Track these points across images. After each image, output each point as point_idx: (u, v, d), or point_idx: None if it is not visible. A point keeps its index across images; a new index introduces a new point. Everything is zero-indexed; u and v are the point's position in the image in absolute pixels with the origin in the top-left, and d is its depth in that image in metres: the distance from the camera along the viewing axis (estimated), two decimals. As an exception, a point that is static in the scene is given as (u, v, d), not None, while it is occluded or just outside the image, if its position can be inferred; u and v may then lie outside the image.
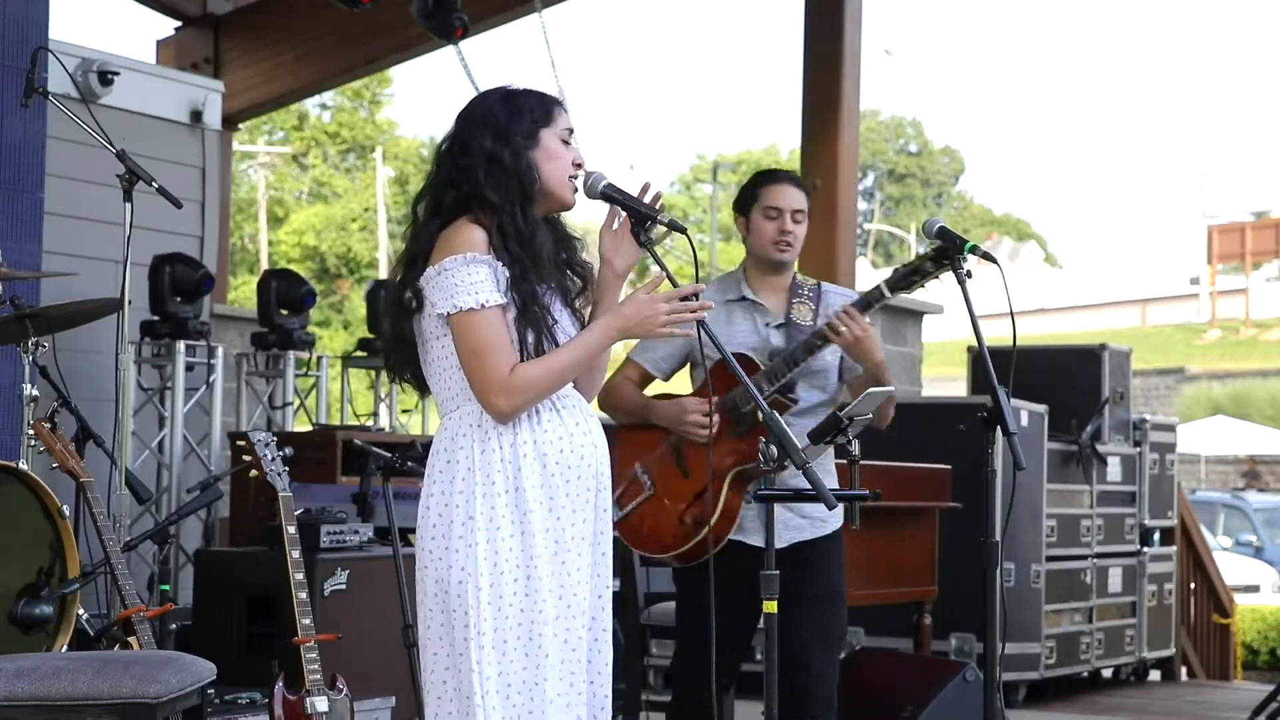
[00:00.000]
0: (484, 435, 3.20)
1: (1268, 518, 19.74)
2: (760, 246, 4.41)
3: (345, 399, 9.08)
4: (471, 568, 3.14)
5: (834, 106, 8.89)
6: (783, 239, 4.38)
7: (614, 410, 4.41)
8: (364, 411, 9.28)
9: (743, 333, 4.38)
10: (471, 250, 3.17)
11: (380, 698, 5.52)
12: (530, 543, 3.19)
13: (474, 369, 3.17)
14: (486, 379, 3.16)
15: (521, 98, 3.30)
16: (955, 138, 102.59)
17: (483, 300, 3.15)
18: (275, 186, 42.70)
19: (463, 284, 3.15)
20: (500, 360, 3.15)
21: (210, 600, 5.89)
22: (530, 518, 3.19)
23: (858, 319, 4.18)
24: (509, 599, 3.15)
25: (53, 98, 5.58)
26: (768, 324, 4.40)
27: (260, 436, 4.87)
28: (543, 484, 3.22)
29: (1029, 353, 7.70)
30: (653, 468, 4.32)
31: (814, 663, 4.27)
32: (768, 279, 4.45)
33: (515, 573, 3.17)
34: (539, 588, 3.18)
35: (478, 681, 3.11)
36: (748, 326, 4.40)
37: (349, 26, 9.68)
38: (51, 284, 5.78)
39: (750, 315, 4.41)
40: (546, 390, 3.20)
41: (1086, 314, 41.91)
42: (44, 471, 4.92)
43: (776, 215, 4.38)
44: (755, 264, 4.46)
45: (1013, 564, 7.71)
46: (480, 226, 3.21)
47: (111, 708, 3.52)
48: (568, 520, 3.24)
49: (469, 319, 3.16)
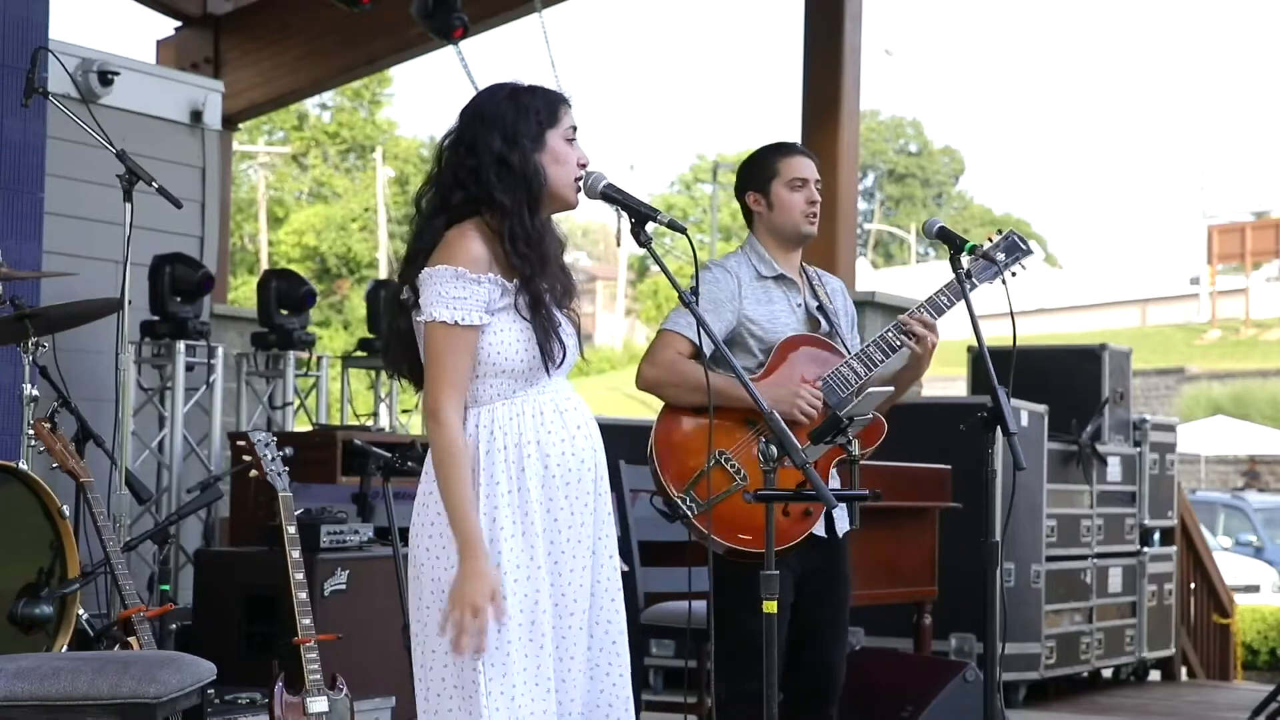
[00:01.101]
0: (489, 435, 3.20)
1: (1268, 518, 19.73)
2: (789, 219, 4.28)
3: (345, 399, 9.08)
4: None
5: (834, 106, 8.88)
6: (811, 209, 4.29)
7: (675, 386, 4.12)
8: (364, 411, 9.29)
9: (783, 312, 4.27)
10: (465, 265, 3.16)
11: (380, 698, 5.52)
12: (532, 543, 3.19)
13: (428, 377, 3.19)
14: (433, 394, 3.16)
15: (527, 96, 3.28)
16: (955, 138, 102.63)
17: (458, 318, 3.15)
18: (275, 186, 42.70)
19: (444, 295, 3.15)
20: (451, 384, 3.16)
21: (210, 600, 5.89)
22: (532, 518, 3.20)
23: (934, 327, 4.15)
24: (512, 600, 3.15)
25: (53, 98, 5.58)
26: (800, 304, 4.31)
27: (260, 436, 4.87)
28: (544, 485, 3.22)
29: (1029, 353, 7.70)
30: (739, 455, 4.06)
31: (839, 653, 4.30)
32: (790, 255, 4.33)
33: (517, 573, 3.17)
34: (540, 588, 3.18)
35: (483, 681, 3.11)
36: (786, 306, 4.28)
37: (349, 26, 9.69)
38: (51, 284, 5.79)
39: (786, 294, 4.30)
40: (435, 460, 3.17)
41: (1086, 314, 41.87)
42: (44, 471, 4.92)
43: (802, 185, 4.28)
44: (779, 239, 4.31)
45: (1013, 564, 7.70)
46: (484, 238, 3.20)
47: (111, 708, 3.52)
48: (565, 523, 3.24)
49: (438, 331, 3.16)
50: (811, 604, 4.20)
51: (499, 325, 3.19)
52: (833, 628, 4.27)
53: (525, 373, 3.22)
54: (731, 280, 4.23)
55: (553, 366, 3.25)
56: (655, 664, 7.90)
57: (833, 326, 4.31)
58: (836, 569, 4.27)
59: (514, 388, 3.22)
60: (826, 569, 4.23)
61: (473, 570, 3.09)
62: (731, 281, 4.23)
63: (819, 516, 4.11)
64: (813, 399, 4.07)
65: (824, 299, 4.36)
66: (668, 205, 47.92)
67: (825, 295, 4.38)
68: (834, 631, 4.27)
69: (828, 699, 4.26)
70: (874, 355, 4.17)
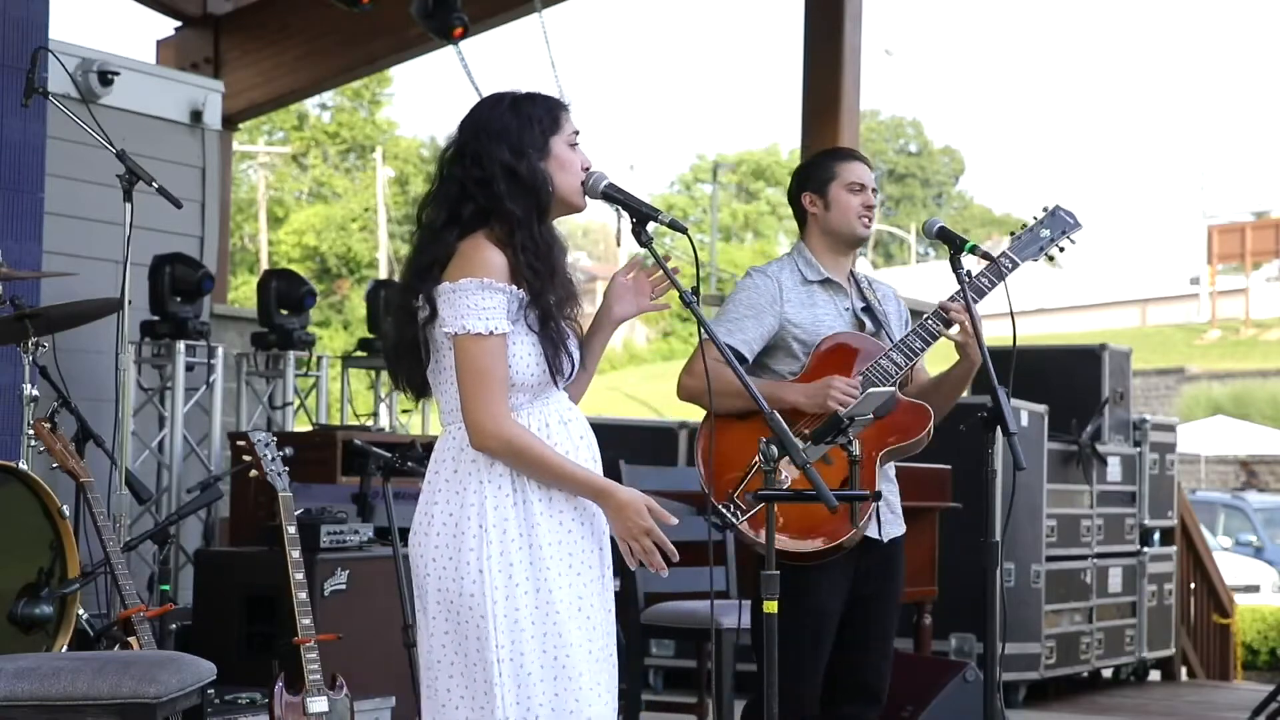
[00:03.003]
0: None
1: (1268, 518, 19.73)
2: (846, 221, 4.29)
3: (345, 399, 9.08)
4: (486, 579, 3.13)
5: (834, 106, 8.89)
6: (868, 214, 4.31)
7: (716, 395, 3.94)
8: (364, 411, 9.28)
9: (828, 316, 4.27)
10: (490, 275, 3.16)
11: (380, 698, 5.52)
12: (539, 554, 3.19)
13: (471, 393, 3.16)
14: (482, 408, 3.15)
15: (529, 105, 3.28)
16: (955, 138, 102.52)
17: (491, 327, 3.15)
18: (275, 186, 42.70)
19: (475, 307, 3.14)
20: (498, 394, 3.16)
21: (210, 600, 5.89)
22: (538, 530, 3.19)
23: (973, 310, 4.11)
24: (524, 610, 3.15)
25: (53, 98, 5.57)
26: (848, 308, 4.30)
27: (260, 436, 4.87)
28: (551, 498, 3.23)
29: (1029, 353, 7.71)
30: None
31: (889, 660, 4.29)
32: (840, 260, 4.34)
33: (526, 584, 3.16)
34: (552, 599, 3.18)
35: (499, 692, 3.10)
36: (831, 310, 4.28)
37: (349, 26, 9.69)
38: (51, 284, 5.79)
39: (832, 298, 4.30)
40: (517, 464, 3.18)
41: (1086, 314, 41.86)
42: (44, 471, 4.92)
43: (860, 189, 4.30)
44: (831, 242, 4.32)
45: (1013, 564, 7.71)
46: (499, 248, 3.20)
47: (111, 708, 3.52)
48: (578, 534, 3.25)
49: (475, 343, 3.15)
50: (862, 611, 4.20)
51: (514, 338, 3.20)
52: (883, 636, 4.26)
53: (534, 386, 3.22)
54: (772, 285, 4.25)
55: (561, 380, 3.26)
56: (655, 664, 7.90)
57: (879, 326, 4.31)
58: (888, 574, 4.26)
59: (521, 401, 3.22)
60: (875, 574, 4.22)
61: (614, 505, 3.19)
62: (772, 286, 4.24)
63: (866, 517, 4.07)
64: (848, 389, 4.05)
65: (873, 301, 4.36)
66: (668, 205, 47.91)
67: (875, 299, 4.38)
68: (883, 640, 4.27)
69: (875, 706, 4.26)
70: (914, 344, 4.16)
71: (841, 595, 4.14)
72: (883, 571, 4.24)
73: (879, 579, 4.23)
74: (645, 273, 3.44)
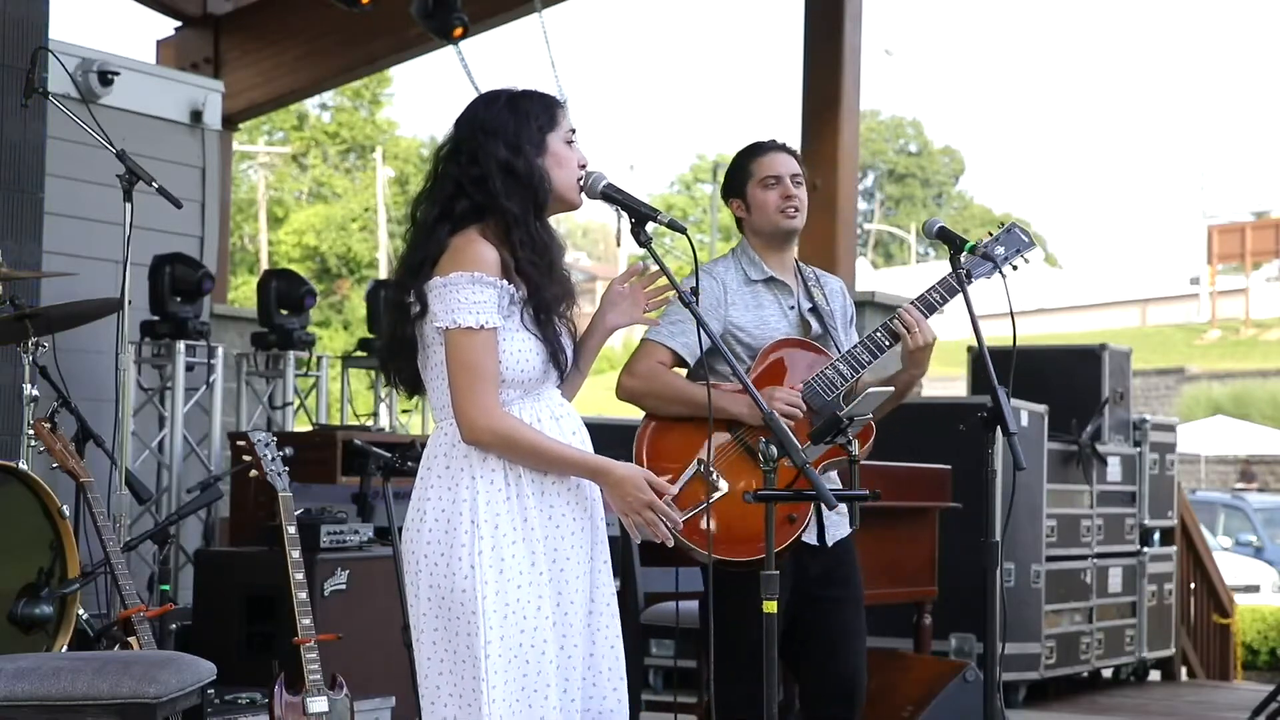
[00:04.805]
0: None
1: (1268, 518, 19.73)
2: (767, 219, 4.22)
3: (345, 399, 9.09)
4: (478, 575, 3.13)
5: (834, 106, 8.89)
6: (788, 204, 4.20)
7: (655, 397, 4.05)
8: (364, 411, 9.29)
9: (774, 317, 4.21)
10: (481, 269, 3.16)
11: (380, 698, 5.52)
12: (533, 549, 3.19)
13: (462, 387, 3.16)
14: (473, 401, 3.15)
15: (525, 102, 3.28)
16: (955, 138, 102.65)
17: (482, 321, 3.15)
18: (275, 186, 42.70)
19: (465, 301, 3.14)
20: (489, 387, 3.16)
21: (210, 600, 5.89)
22: (531, 524, 3.20)
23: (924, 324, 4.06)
24: (514, 606, 3.15)
25: (53, 98, 5.57)
26: (793, 307, 4.24)
27: (260, 436, 4.87)
28: (543, 492, 3.23)
29: (1029, 353, 7.71)
30: (720, 464, 3.97)
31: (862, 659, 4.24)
32: (780, 255, 4.27)
33: (519, 579, 3.17)
34: (541, 594, 3.18)
35: (485, 689, 3.10)
36: (776, 311, 4.22)
37: (349, 26, 9.70)
38: (51, 284, 5.79)
39: (776, 298, 4.24)
40: (512, 454, 3.18)
41: (1086, 314, 41.88)
42: (44, 471, 4.92)
43: (775, 183, 4.22)
44: (764, 242, 4.25)
45: (1013, 564, 7.70)
46: (491, 243, 3.20)
47: (111, 708, 3.52)
48: (567, 529, 3.25)
49: (465, 337, 3.15)
50: (823, 614, 4.16)
51: (507, 334, 3.20)
52: (849, 636, 4.21)
53: (527, 382, 3.23)
54: (717, 287, 4.17)
55: (554, 377, 3.26)
56: (655, 664, 7.90)
57: (826, 329, 4.26)
58: (842, 576, 4.21)
59: (513, 397, 3.22)
60: (829, 577, 4.17)
61: (613, 481, 3.22)
62: (717, 288, 4.17)
63: (804, 522, 4.03)
64: (789, 401, 3.99)
65: (819, 300, 4.30)
66: (668, 205, 47.92)
67: (822, 296, 4.32)
68: (851, 640, 4.21)
69: (852, 707, 4.22)
70: (861, 356, 4.10)
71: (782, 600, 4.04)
72: (836, 574, 4.17)
73: (835, 583, 4.16)
74: (642, 283, 3.44)
